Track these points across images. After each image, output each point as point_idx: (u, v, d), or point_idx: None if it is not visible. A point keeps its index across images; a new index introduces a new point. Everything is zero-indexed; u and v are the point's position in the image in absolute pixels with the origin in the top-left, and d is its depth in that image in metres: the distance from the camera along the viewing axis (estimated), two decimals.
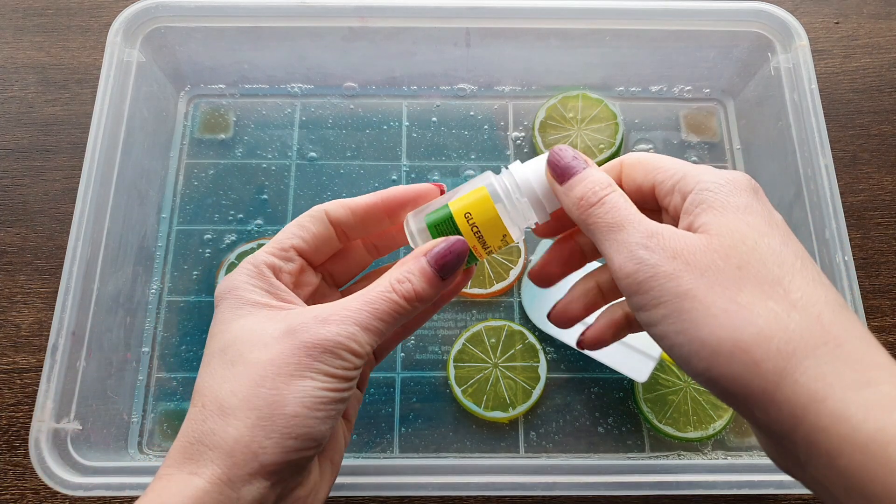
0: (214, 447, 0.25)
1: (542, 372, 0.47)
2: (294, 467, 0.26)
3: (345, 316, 0.27)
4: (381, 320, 0.28)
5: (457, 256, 0.29)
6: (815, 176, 0.45)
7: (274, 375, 0.26)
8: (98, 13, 0.59)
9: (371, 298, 0.28)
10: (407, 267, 0.29)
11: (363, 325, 0.27)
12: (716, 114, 0.56)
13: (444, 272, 0.29)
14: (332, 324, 0.27)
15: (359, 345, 0.27)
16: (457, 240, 0.29)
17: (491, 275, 0.50)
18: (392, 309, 0.28)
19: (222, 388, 0.27)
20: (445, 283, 0.29)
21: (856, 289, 0.42)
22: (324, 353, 0.26)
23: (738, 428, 0.47)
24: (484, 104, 0.56)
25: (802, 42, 0.48)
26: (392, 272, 0.29)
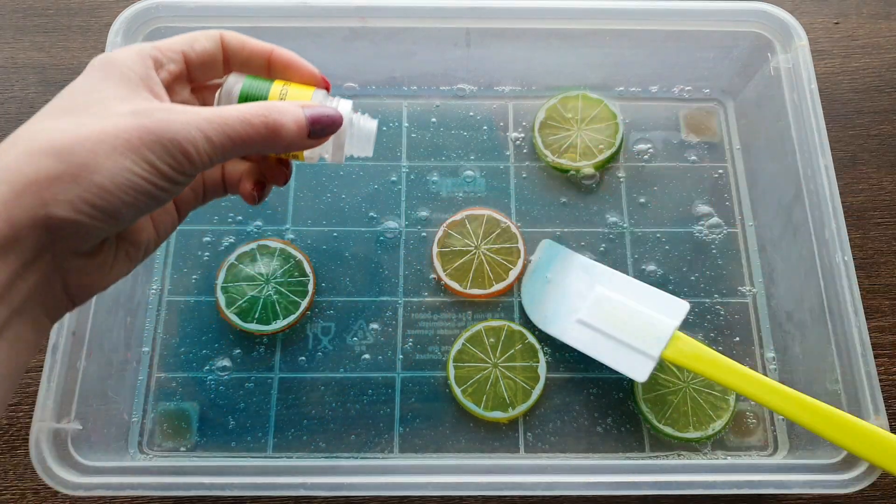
0: (4, 182, 0.24)
1: (542, 372, 0.47)
2: (80, 233, 0.26)
3: (192, 118, 0.27)
4: (229, 137, 0.28)
5: (332, 123, 0.31)
6: (814, 176, 0.45)
7: (99, 141, 0.25)
8: (98, 13, 0.60)
9: (227, 114, 0.28)
10: (279, 105, 0.30)
11: (208, 133, 0.27)
12: (716, 114, 0.56)
13: (316, 130, 0.31)
14: (178, 121, 0.26)
15: (196, 150, 0.27)
16: (337, 112, 0.32)
17: (490, 275, 0.50)
18: (245, 132, 0.28)
19: (45, 129, 0.26)
20: (306, 142, 0.31)
21: (856, 289, 0.42)
22: (157, 143, 0.26)
23: (738, 428, 0.47)
24: (484, 104, 0.56)
25: (802, 42, 0.48)
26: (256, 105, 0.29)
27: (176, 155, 0.26)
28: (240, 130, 0.28)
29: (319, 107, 0.31)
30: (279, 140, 0.30)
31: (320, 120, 0.31)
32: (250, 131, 0.28)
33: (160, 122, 0.26)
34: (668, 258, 0.51)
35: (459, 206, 0.53)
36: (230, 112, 0.28)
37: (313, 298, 0.49)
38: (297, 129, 0.30)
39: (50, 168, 0.24)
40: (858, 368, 0.41)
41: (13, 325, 0.26)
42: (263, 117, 0.29)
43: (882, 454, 0.37)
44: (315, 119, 0.31)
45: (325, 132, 0.31)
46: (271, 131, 0.29)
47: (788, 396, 0.40)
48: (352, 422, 0.47)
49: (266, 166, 0.36)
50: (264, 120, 0.29)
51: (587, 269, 0.49)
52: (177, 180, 0.27)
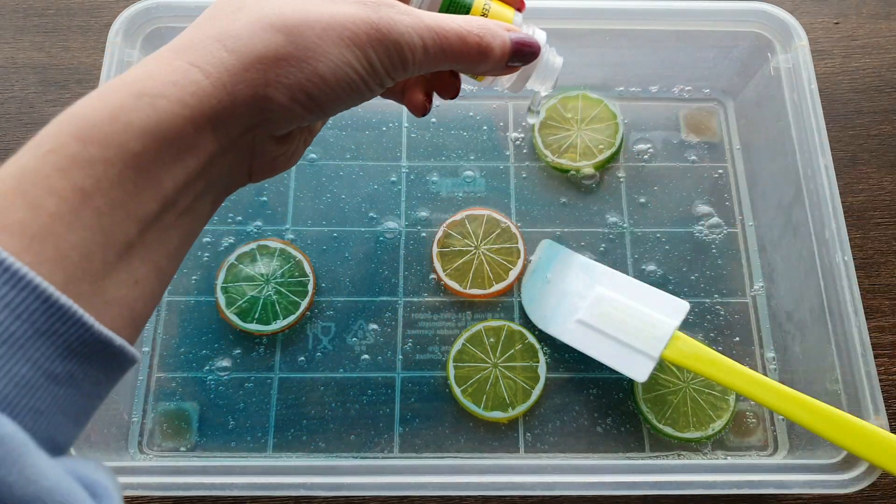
0: (233, 51, 0.23)
1: (542, 372, 0.47)
2: (287, 119, 0.25)
3: (415, 23, 0.26)
4: (444, 51, 0.27)
5: (532, 54, 0.30)
6: (814, 176, 0.45)
7: (328, 27, 0.24)
8: (98, 13, 0.60)
9: (447, 26, 0.27)
10: (490, 27, 0.28)
11: (427, 42, 0.26)
12: (716, 114, 0.56)
13: (516, 57, 0.29)
14: (403, 23, 0.26)
15: (413, 57, 0.26)
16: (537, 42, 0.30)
17: (490, 275, 0.50)
18: (459, 49, 0.27)
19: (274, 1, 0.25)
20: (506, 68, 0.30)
21: (856, 289, 0.42)
22: (381, 42, 0.25)
23: (738, 428, 0.47)
24: (484, 104, 0.56)
25: (802, 42, 0.48)
26: (473, 19, 0.28)
27: (394, 58, 0.26)
28: (455, 46, 0.27)
29: (523, 34, 0.30)
30: (485, 63, 0.29)
31: (523, 49, 0.30)
32: (464, 49, 0.27)
33: (387, 21, 0.25)
34: (668, 258, 0.51)
35: (459, 207, 0.53)
36: (450, 24, 0.27)
37: (313, 298, 0.49)
38: (501, 55, 0.29)
39: (279, 46, 0.24)
40: (858, 368, 0.41)
41: (204, 197, 0.25)
42: (479, 38, 0.28)
43: (882, 454, 0.37)
44: (518, 48, 0.29)
45: (522, 61, 0.30)
46: (482, 53, 0.28)
47: (788, 396, 0.40)
48: (352, 422, 0.47)
49: (437, 78, 0.34)
50: (479, 41, 0.28)
51: (587, 269, 0.49)
52: (386, 82, 0.27)
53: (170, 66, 0.23)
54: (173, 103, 0.22)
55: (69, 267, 0.20)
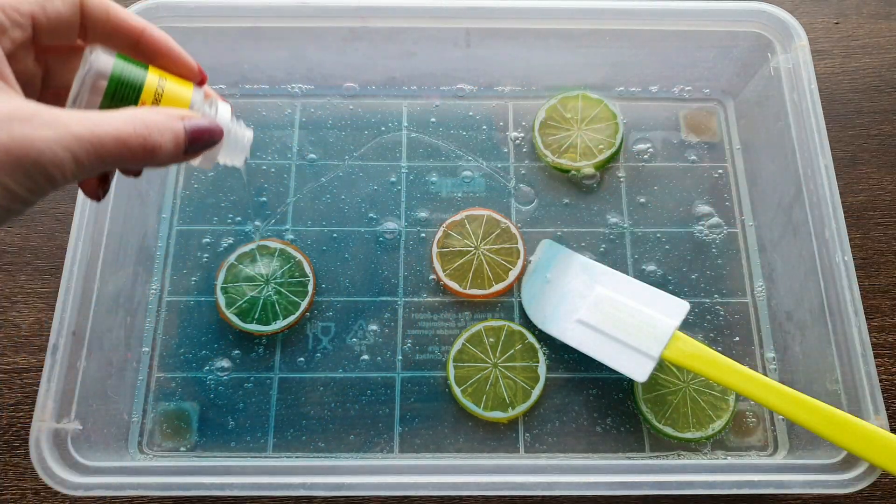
0: None
1: (542, 372, 0.47)
2: None
3: (60, 135, 0.22)
4: (101, 159, 0.24)
5: (211, 139, 0.28)
6: (814, 176, 0.45)
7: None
8: None
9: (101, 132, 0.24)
10: (159, 120, 0.26)
11: (77, 154, 0.23)
12: (716, 114, 0.56)
13: (194, 148, 0.27)
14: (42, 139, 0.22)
15: (61, 173, 0.23)
16: (217, 125, 0.28)
17: (490, 275, 0.50)
18: (120, 153, 0.24)
19: None
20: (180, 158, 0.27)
21: (856, 289, 0.42)
22: (16, 166, 0.22)
23: (738, 428, 0.47)
24: (483, 104, 0.56)
25: (802, 42, 0.48)
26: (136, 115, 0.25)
27: (37, 178, 0.22)
28: (114, 151, 0.24)
29: (200, 120, 0.27)
30: (154, 160, 0.26)
31: (200, 137, 0.27)
32: (126, 152, 0.24)
33: (22, 142, 0.22)
34: (668, 258, 0.51)
35: (459, 207, 0.53)
36: (106, 129, 0.24)
37: (313, 299, 0.49)
38: (175, 147, 0.26)
39: None
40: (858, 368, 0.41)
41: None
42: (143, 138, 0.25)
43: (882, 454, 0.37)
44: (195, 137, 0.27)
45: (202, 148, 0.28)
46: (148, 152, 0.25)
47: (788, 396, 0.40)
48: (351, 422, 0.47)
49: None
50: (143, 142, 0.25)
51: (587, 269, 0.49)
52: (31, 202, 0.23)
53: None
54: None
55: None
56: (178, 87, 0.29)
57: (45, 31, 0.27)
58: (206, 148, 0.28)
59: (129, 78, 0.27)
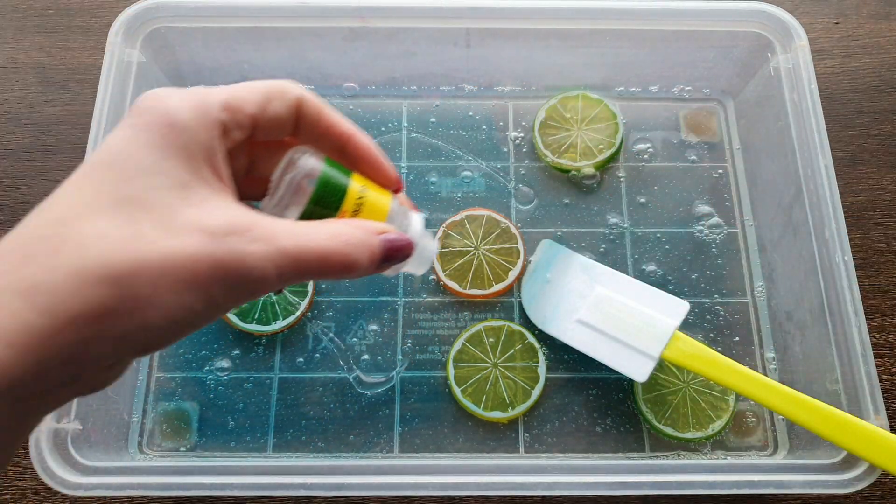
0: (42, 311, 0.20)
1: (542, 372, 0.47)
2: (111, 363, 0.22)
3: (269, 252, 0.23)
4: (301, 274, 0.24)
5: (403, 256, 0.28)
6: (814, 176, 0.45)
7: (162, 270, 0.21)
8: (98, 13, 0.60)
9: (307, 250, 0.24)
10: (359, 236, 0.26)
11: (282, 269, 0.23)
12: (715, 114, 0.56)
13: (386, 262, 0.27)
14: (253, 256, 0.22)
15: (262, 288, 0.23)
16: (409, 241, 0.28)
17: (490, 276, 0.50)
18: (319, 269, 0.24)
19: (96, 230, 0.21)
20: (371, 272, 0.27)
21: (855, 289, 0.42)
22: (225, 281, 0.22)
23: (738, 428, 0.47)
24: (484, 104, 0.56)
25: (802, 42, 0.48)
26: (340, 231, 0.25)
27: (242, 292, 0.23)
28: (315, 267, 0.24)
29: (395, 237, 0.27)
30: (348, 276, 0.26)
31: (394, 255, 0.27)
32: (324, 269, 0.25)
33: (234, 256, 0.22)
34: (668, 258, 0.51)
35: (459, 207, 0.53)
36: (311, 245, 0.24)
37: (313, 299, 0.49)
38: (370, 264, 0.26)
39: (104, 300, 0.20)
40: (858, 368, 0.41)
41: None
42: (343, 256, 0.25)
43: (882, 454, 0.37)
44: (389, 255, 0.27)
45: (393, 263, 0.28)
46: (347, 268, 0.25)
47: (788, 396, 0.40)
48: (351, 422, 0.47)
49: None
50: (342, 260, 0.25)
51: (587, 269, 0.49)
52: (226, 311, 0.23)
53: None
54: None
55: None
56: (378, 196, 0.29)
57: (262, 130, 0.27)
58: (397, 262, 0.28)
59: (335, 184, 0.27)
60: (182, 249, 0.21)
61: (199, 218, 0.22)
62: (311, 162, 0.27)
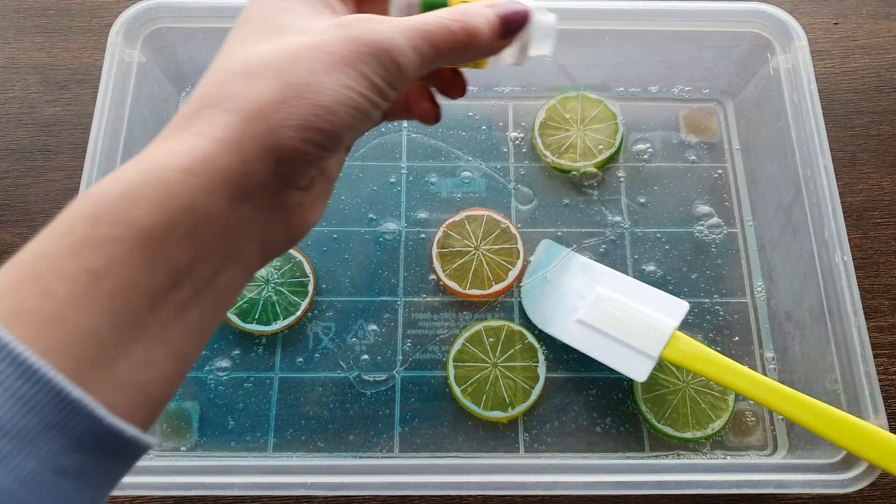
0: (230, 110, 0.23)
1: (542, 372, 0.47)
2: (304, 163, 0.24)
3: (397, 27, 0.26)
4: (433, 46, 0.26)
5: (522, 18, 0.30)
6: (814, 176, 0.45)
7: (314, 58, 0.24)
8: (99, 14, 0.60)
9: (428, 20, 0.27)
10: (471, 8, 0.28)
11: (414, 42, 0.26)
12: (715, 114, 0.56)
13: (508, 29, 0.29)
14: (385, 31, 0.25)
15: (407, 61, 0.26)
16: (524, 6, 0.30)
17: (490, 276, 0.50)
18: (447, 38, 0.27)
19: (253, 53, 0.24)
20: (500, 42, 0.29)
21: (855, 289, 0.42)
22: (370, 55, 0.25)
23: (738, 428, 0.47)
24: (483, 105, 0.56)
25: (802, 42, 0.49)
26: (452, 8, 0.28)
27: (389, 66, 0.25)
28: (442, 38, 0.27)
29: (505, 4, 0.29)
30: (476, 45, 0.28)
31: (510, 17, 0.29)
32: (451, 38, 0.27)
33: (369, 33, 0.25)
34: (668, 258, 0.52)
35: (459, 207, 0.53)
36: (430, 19, 0.27)
37: (313, 299, 0.49)
38: (491, 31, 0.28)
39: (274, 90, 0.23)
40: (858, 368, 0.41)
41: (225, 270, 0.23)
42: (462, 22, 0.27)
43: (882, 454, 0.37)
44: (506, 17, 0.29)
45: (515, 29, 0.29)
46: (470, 36, 0.27)
47: (788, 396, 0.40)
48: (351, 422, 0.47)
49: (440, 81, 0.34)
50: (463, 25, 0.27)
51: (587, 269, 0.49)
52: (388, 95, 0.26)
53: (175, 140, 0.23)
54: (181, 173, 0.21)
55: (81, 352, 0.19)
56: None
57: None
58: (516, 29, 0.30)
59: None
60: (326, 39, 0.24)
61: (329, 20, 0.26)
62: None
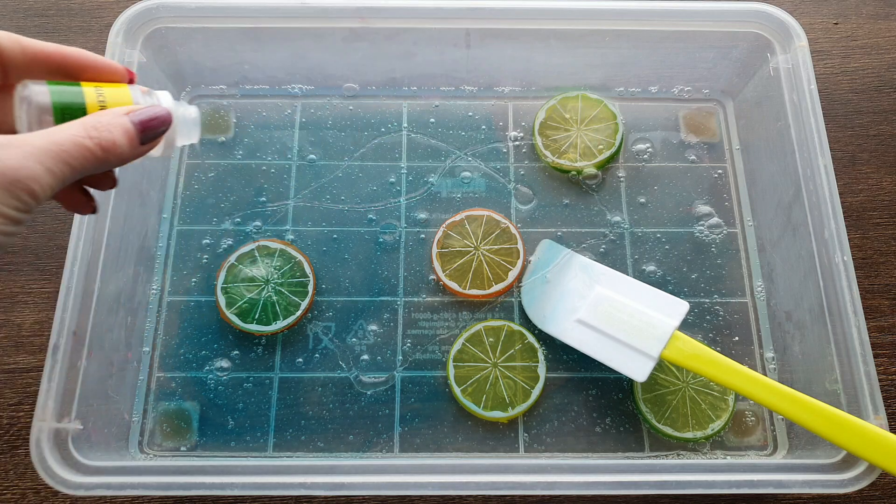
0: None
1: (542, 372, 0.47)
2: None
3: (27, 151, 0.24)
4: (69, 164, 0.26)
5: (162, 123, 0.30)
6: (814, 176, 0.45)
7: None
8: (99, 14, 0.60)
9: (60, 139, 0.26)
10: (106, 119, 0.28)
11: (47, 165, 0.25)
12: (715, 114, 0.56)
13: (148, 134, 0.29)
14: (13, 158, 0.24)
15: (40, 187, 0.25)
16: (164, 109, 0.30)
17: (490, 276, 0.50)
18: (83, 155, 0.26)
19: None
20: (139, 150, 0.29)
21: (855, 289, 0.42)
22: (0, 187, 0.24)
23: (738, 428, 0.47)
24: (484, 105, 0.56)
25: (802, 42, 0.49)
26: (85, 120, 0.27)
27: (21, 196, 0.24)
28: (76, 155, 0.26)
29: (144, 109, 0.30)
30: (114, 157, 0.28)
31: (149, 124, 0.29)
32: (87, 154, 0.26)
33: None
34: (668, 258, 0.52)
35: (458, 207, 0.53)
36: (64, 138, 0.26)
37: (313, 299, 0.49)
38: (129, 141, 0.28)
39: None
40: (858, 368, 0.41)
41: None
42: (97, 139, 0.27)
43: (882, 454, 0.37)
44: (144, 125, 0.29)
45: (156, 135, 0.30)
46: (105, 150, 0.27)
47: (788, 396, 0.40)
48: (351, 422, 0.47)
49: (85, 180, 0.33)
50: (98, 141, 0.27)
51: (586, 269, 0.49)
52: (23, 220, 0.25)
53: None
54: None
55: None
56: (116, 90, 0.31)
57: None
58: (160, 134, 0.30)
59: (70, 99, 0.29)
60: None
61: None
62: (35, 90, 0.28)
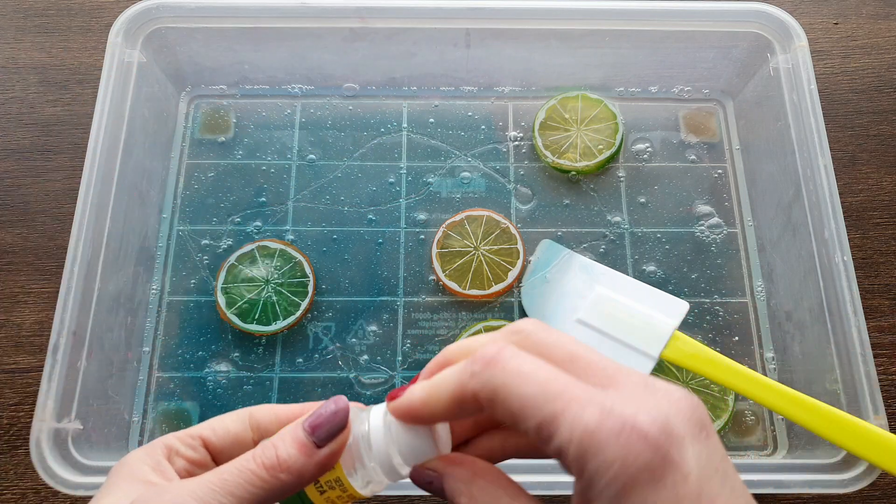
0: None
1: None
2: None
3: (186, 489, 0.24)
4: (232, 494, 0.24)
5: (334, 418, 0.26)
6: (814, 176, 0.45)
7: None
8: (99, 14, 0.60)
9: (224, 469, 0.25)
10: (277, 434, 0.26)
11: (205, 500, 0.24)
12: (715, 114, 0.56)
13: (321, 437, 0.25)
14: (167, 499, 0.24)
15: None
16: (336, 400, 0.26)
17: (490, 276, 0.50)
18: (247, 480, 0.24)
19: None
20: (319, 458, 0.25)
21: (855, 289, 0.42)
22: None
23: (738, 428, 0.47)
24: (483, 105, 0.56)
25: (802, 42, 0.49)
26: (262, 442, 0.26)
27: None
28: (240, 480, 0.24)
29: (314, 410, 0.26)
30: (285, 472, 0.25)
31: (319, 422, 0.25)
32: (251, 477, 0.24)
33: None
34: (668, 258, 0.52)
35: (458, 207, 0.53)
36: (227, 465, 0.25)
37: (313, 299, 0.49)
38: (300, 447, 0.25)
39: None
40: (858, 368, 0.41)
41: None
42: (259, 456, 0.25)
43: (881, 454, 0.37)
44: (315, 424, 0.25)
45: (331, 434, 0.25)
46: (271, 466, 0.25)
47: (788, 396, 0.40)
48: None
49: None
50: (260, 458, 0.25)
51: (586, 269, 0.49)
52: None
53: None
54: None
55: None
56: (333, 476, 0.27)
57: (220, 450, 0.28)
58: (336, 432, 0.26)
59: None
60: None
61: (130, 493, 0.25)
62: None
